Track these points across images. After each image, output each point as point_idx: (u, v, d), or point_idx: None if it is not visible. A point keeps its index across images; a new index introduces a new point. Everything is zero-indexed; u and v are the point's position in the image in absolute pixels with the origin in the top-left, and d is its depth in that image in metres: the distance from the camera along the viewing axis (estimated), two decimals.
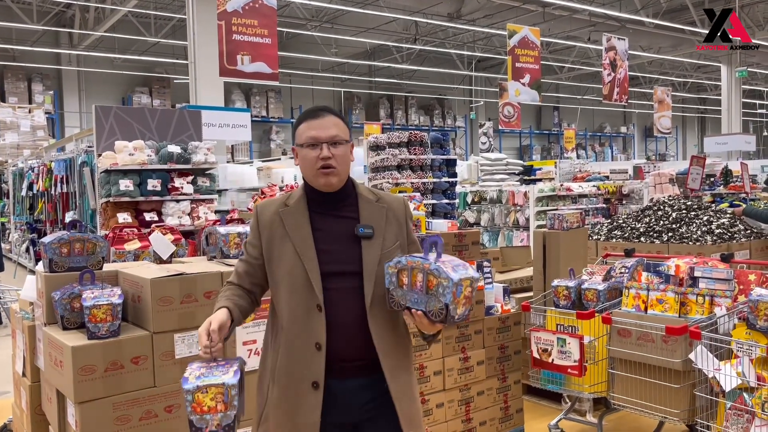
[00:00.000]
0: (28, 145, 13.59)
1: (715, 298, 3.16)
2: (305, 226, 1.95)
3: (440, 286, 1.75)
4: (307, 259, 1.90)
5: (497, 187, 11.41)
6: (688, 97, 31.45)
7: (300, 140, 1.97)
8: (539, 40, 14.35)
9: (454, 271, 1.75)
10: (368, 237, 1.94)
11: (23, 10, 16.14)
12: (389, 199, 2.06)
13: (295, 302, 1.90)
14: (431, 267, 1.77)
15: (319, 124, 1.94)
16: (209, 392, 1.74)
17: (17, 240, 11.60)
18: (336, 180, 1.94)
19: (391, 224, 2.00)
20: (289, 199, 2.02)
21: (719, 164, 13.27)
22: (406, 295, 1.84)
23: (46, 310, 2.78)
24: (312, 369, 1.88)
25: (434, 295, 1.77)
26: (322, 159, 1.91)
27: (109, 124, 6.68)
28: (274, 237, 1.97)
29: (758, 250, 5.26)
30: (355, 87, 24.20)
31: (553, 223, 4.48)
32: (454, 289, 1.74)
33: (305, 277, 1.89)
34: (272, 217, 1.99)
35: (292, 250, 1.92)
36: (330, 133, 1.93)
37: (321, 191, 1.97)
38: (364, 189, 2.06)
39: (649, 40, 19.31)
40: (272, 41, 9.97)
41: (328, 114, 1.97)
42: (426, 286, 1.79)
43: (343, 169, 1.96)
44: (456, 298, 1.75)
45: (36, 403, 3.02)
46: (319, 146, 1.92)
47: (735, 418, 2.73)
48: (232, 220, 3.58)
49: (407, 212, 2.08)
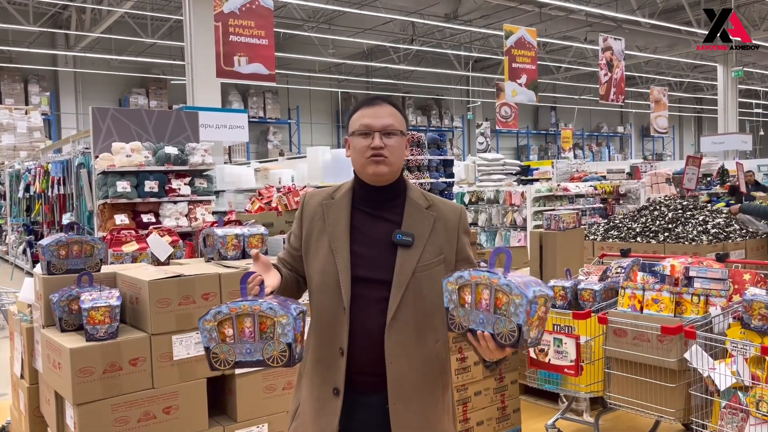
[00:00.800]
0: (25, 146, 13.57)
1: (710, 298, 3.18)
2: (344, 223, 1.83)
3: (512, 305, 1.53)
4: (340, 260, 1.79)
5: (494, 188, 11.44)
6: (685, 96, 31.53)
7: (352, 128, 1.84)
8: (536, 40, 14.38)
9: (527, 287, 1.53)
10: (406, 245, 1.79)
11: (19, 11, 16.12)
12: (443, 208, 1.88)
13: (324, 303, 1.82)
14: (500, 282, 1.54)
15: (373, 112, 1.82)
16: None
17: (14, 242, 11.58)
18: (387, 170, 1.80)
19: (437, 235, 1.83)
20: (337, 191, 1.91)
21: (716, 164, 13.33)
22: (468, 316, 1.61)
23: (44, 312, 2.79)
24: (335, 374, 1.79)
25: (504, 315, 1.55)
26: (372, 148, 1.78)
27: (106, 125, 6.68)
28: (314, 230, 1.87)
29: (753, 249, 5.29)
30: (352, 87, 24.21)
31: (550, 223, 4.50)
32: (528, 308, 1.51)
33: (336, 278, 1.79)
34: (316, 209, 1.89)
35: (327, 246, 1.82)
36: (384, 122, 1.80)
37: (369, 186, 1.84)
38: (417, 192, 1.89)
39: (646, 40, 19.36)
40: (269, 42, 9.97)
41: (384, 103, 1.85)
42: (494, 304, 1.57)
43: (395, 160, 1.81)
44: (530, 318, 1.52)
45: (34, 405, 3.03)
46: (372, 135, 1.79)
47: (730, 416, 2.75)
48: (230, 221, 3.59)
49: (462, 224, 1.89)
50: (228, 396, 2.87)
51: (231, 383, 2.83)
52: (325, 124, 24.31)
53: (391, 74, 24.12)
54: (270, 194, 5.13)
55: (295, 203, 4.78)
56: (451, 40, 21.04)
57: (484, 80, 25.92)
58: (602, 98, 15.67)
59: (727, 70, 21.79)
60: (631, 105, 29.90)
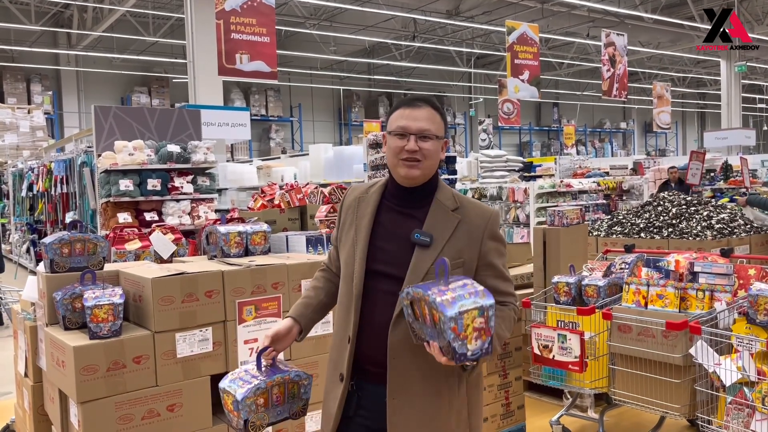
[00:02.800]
0: (28, 145, 13.60)
1: (715, 293, 3.16)
2: (368, 218, 1.90)
3: (441, 321, 1.55)
4: (359, 253, 1.87)
5: (497, 184, 11.41)
6: (688, 92, 31.45)
7: (390, 127, 1.88)
8: (538, 36, 14.35)
9: (453, 303, 1.54)
10: (424, 245, 1.80)
11: (21, 10, 16.13)
12: (472, 211, 1.88)
13: (343, 291, 1.91)
14: (430, 300, 1.57)
15: (412, 114, 1.84)
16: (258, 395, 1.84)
17: (18, 241, 11.61)
18: (418, 174, 1.83)
19: (459, 238, 1.83)
20: (372, 186, 1.98)
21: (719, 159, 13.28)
22: (422, 329, 1.66)
23: (48, 310, 2.78)
24: (342, 361, 1.87)
25: (440, 331, 1.57)
26: (407, 151, 1.81)
27: (108, 124, 6.68)
28: (346, 222, 1.96)
29: (758, 244, 5.27)
30: (354, 85, 24.20)
31: (553, 219, 4.48)
32: (453, 325, 1.53)
33: (353, 269, 1.87)
34: (351, 203, 1.97)
35: (353, 239, 1.90)
36: (420, 125, 1.82)
37: (399, 185, 1.89)
38: (448, 194, 1.89)
39: (648, 35, 19.31)
40: (271, 40, 9.97)
41: (425, 105, 1.86)
42: (431, 319, 1.60)
43: (429, 164, 1.84)
44: (459, 334, 1.54)
45: (38, 403, 3.03)
46: (407, 137, 1.82)
47: (735, 412, 2.74)
48: (233, 219, 3.58)
49: (489, 229, 1.87)
50: None
51: None
52: (327, 121, 24.30)
53: (393, 71, 24.10)
54: (272, 192, 5.12)
55: (298, 200, 4.77)
56: (453, 37, 21.00)
57: (486, 77, 25.88)
58: (605, 94, 15.63)
59: (731, 65, 21.72)
60: (633, 101, 29.84)
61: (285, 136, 22.66)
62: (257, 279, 2.85)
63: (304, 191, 4.88)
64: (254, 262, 2.95)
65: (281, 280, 2.91)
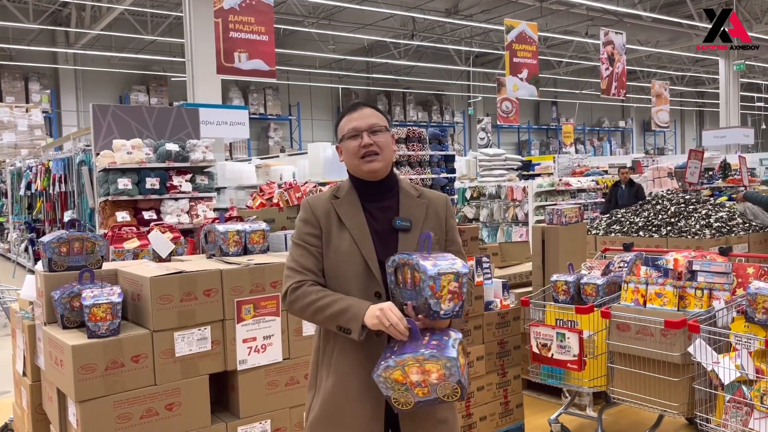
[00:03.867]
0: (26, 144, 13.57)
1: (713, 292, 3.17)
2: (360, 215, 1.99)
3: (421, 281, 1.75)
4: (365, 247, 1.94)
5: (496, 183, 11.42)
6: (686, 90, 31.46)
7: (341, 134, 2.02)
8: (537, 34, 14.33)
9: (434, 266, 1.74)
10: (405, 230, 1.98)
11: (19, 9, 16.09)
12: (431, 195, 2.10)
13: (355, 289, 1.93)
14: (413, 262, 1.77)
15: (358, 115, 2.00)
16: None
17: (16, 240, 11.59)
18: (380, 166, 1.98)
19: (430, 219, 2.03)
20: (338, 191, 2.06)
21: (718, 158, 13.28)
22: (402, 293, 1.84)
23: (46, 309, 2.78)
24: (371, 354, 1.89)
25: (420, 291, 1.77)
26: (363, 147, 1.96)
27: (106, 122, 6.67)
28: (331, 227, 2.00)
29: (756, 243, 5.27)
30: (352, 83, 24.17)
31: (552, 218, 4.49)
32: (431, 284, 1.73)
33: (364, 264, 1.93)
34: (327, 208, 2.02)
35: (349, 238, 1.96)
36: (369, 121, 1.99)
37: (366, 182, 2.02)
38: (407, 184, 2.10)
39: (647, 34, 19.30)
40: (269, 38, 9.95)
41: (365, 107, 2.04)
42: (413, 282, 1.79)
43: (386, 156, 2.00)
44: (436, 292, 1.74)
45: (37, 402, 3.03)
46: (360, 135, 1.97)
47: (734, 410, 2.74)
48: (231, 217, 3.58)
49: (448, 210, 2.10)
50: (230, 392, 2.87)
51: (233, 379, 2.83)
52: (325, 120, 24.28)
53: (391, 70, 24.08)
54: (271, 190, 5.12)
55: (297, 199, 4.76)
56: (452, 35, 20.99)
57: (484, 75, 25.87)
58: (603, 93, 15.63)
59: (729, 63, 21.72)
60: (632, 99, 29.83)
61: (284, 134, 22.64)
62: (256, 278, 2.85)
63: (302, 190, 4.88)
64: (253, 260, 2.94)
65: (280, 279, 2.90)
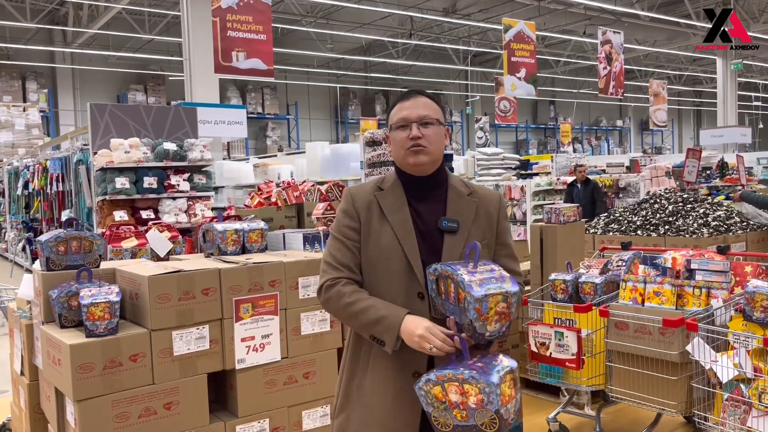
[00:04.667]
0: (23, 143, 13.56)
1: (711, 290, 3.17)
2: (404, 210, 1.88)
3: (466, 301, 1.64)
4: (408, 244, 1.84)
5: (494, 182, 11.41)
6: (684, 90, 31.50)
7: (391, 122, 1.93)
8: (535, 34, 14.33)
9: (481, 286, 1.63)
10: (452, 231, 1.86)
11: (16, 8, 16.06)
12: (483, 193, 1.97)
13: (396, 288, 1.83)
14: (458, 279, 1.66)
15: (410, 104, 1.89)
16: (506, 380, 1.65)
17: (13, 239, 11.57)
18: (426, 159, 1.87)
19: (479, 220, 1.91)
20: (383, 183, 1.95)
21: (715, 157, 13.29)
22: (444, 305, 1.75)
23: (44, 308, 2.77)
24: (413, 359, 1.81)
25: (464, 309, 1.66)
26: (411, 139, 1.85)
27: (104, 121, 6.66)
28: (372, 219, 1.89)
29: (754, 242, 5.28)
30: (350, 83, 24.17)
31: (550, 216, 4.49)
32: (477, 306, 1.62)
33: (405, 262, 1.82)
34: (369, 199, 1.91)
35: (390, 233, 1.85)
36: (420, 112, 1.87)
37: (414, 177, 1.91)
38: (457, 180, 1.97)
39: (645, 33, 19.32)
40: (267, 37, 9.95)
41: (419, 95, 1.93)
42: (457, 297, 1.68)
43: (435, 149, 1.88)
44: (482, 315, 1.63)
45: (35, 401, 3.02)
46: (409, 126, 1.86)
47: (732, 409, 2.74)
48: (229, 216, 3.57)
49: (501, 210, 1.98)
50: (229, 391, 2.86)
51: (232, 378, 2.82)
52: (323, 119, 24.27)
53: (389, 69, 24.07)
54: (269, 189, 5.11)
55: (295, 198, 4.76)
56: (450, 35, 20.99)
57: (482, 74, 25.87)
58: (601, 92, 15.64)
59: (727, 63, 21.75)
60: (630, 98, 29.86)
61: (281, 134, 22.63)
62: (254, 277, 2.84)
63: (300, 189, 4.87)
64: (251, 259, 2.94)
65: (278, 277, 2.91)
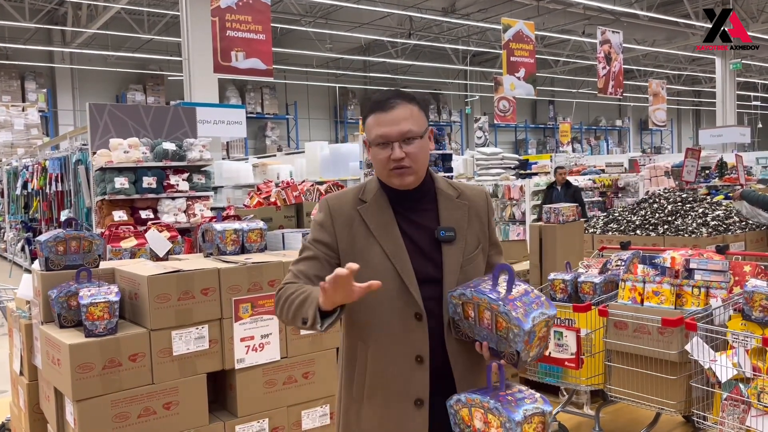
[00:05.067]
0: (22, 143, 13.56)
1: (710, 290, 3.17)
2: (392, 226, 1.74)
3: (510, 332, 1.58)
4: (401, 263, 1.71)
5: (493, 182, 11.42)
6: (683, 89, 31.51)
7: (369, 137, 1.75)
8: (534, 33, 14.34)
9: (527, 316, 1.57)
10: (450, 241, 1.75)
11: (15, 8, 16.05)
12: (471, 194, 1.85)
13: (389, 311, 1.71)
14: (500, 310, 1.58)
15: (389, 118, 1.69)
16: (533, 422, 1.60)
17: (12, 239, 11.57)
18: (412, 179, 1.73)
19: (473, 224, 1.80)
20: (364, 194, 1.79)
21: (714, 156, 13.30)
22: (473, 329, 1.67)
23: (43, 308, 2.77)
24: (414, 385, 1.70)
25: (504, 338, 1.60)
26: (394, 160, 1.69)
27: (103, 121, 6.65)
28: (356, 238, 1.74)
29: (753, 241, 5.28)
30: (349, 82, 24.17)
31: (549, 216, 4.49)
32: (526, 338, 1.57)
33: (399, 282, 1.70)
34: (350, 214, 1.76)
35: (380, 252, 1.72)
36: (401, 128, 1.68)
37: (398, 190, 1.77)
38: (444, 183, 1.84)
39: (644, 33, 19.33)
40: (266, 37, 9.94)
41: (399, 103, 1.71)
42: (495, 326, 1.61)
43: (420, 166, 1.73)
44: (528, 345, 1.58)
45: (34, 401, 3.02)
46: (390, 145, 1.69)
47: (731, 408, 2.75)
48: (229, 216, 3.58)
49: (489, 208, 1.87)
50: (228, 391, 2.86)
51: (231, 378, 2.82)
52: (323, 119, 24.28)
53: (388, 69, 24.07)
54: (268, 189, 5.11)
55: (294, 198, 4.76)
56: (449, 34, 20.99)
57: (482, 74, 25.88)
58: (600, 92, 15.65)
59: (726, 62, 21.76)
60: (629, 98, 29.88)
61: (281, 133, 22.63)
62: (253, 276, 2.84)
63: (300, 189, 4.87)
64: (250, 259, 2.94)
65: (278, 277, 2.91)
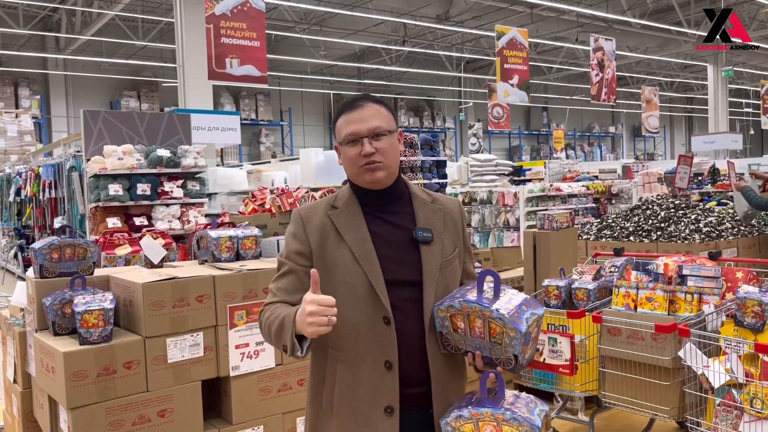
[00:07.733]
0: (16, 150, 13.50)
1: (703, 296, 3.19)
2: (362, 229, 1.74)
3: (506, 336, 1.58)
4: (369, 266, 1.70)
5: (487, 188, 11.45)
6: (676, 96, 31.68)
7: (339, 137, 1.76)
8: (527, 41, 14.41)
9: (520, 318, 1.57)
10: (427, 242, 1.75)
11: (9, 14, 16.03)
12: (445, 201, 1.87)
13: (357, 315, 1.69)
14: (493, 315, 1.58)
15: (357, 116, 1.73)
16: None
17: (5, 246, 11.51)
18: (383, 174, 1.73)
19: (448, 229, 1.81)
20: (336, 200, 1.80)
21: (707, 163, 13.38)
22: (464, 340, 1.65)
23: (37, 315, 2.77)
24: (383, 392, 1.68)
25: (499, 344, 1.60)
26: (364, 156, 1.71)
27: (97, 128, 6.64)
28: (327, 242, 1.74)
29: (745, 247, 5.32)
30: (344, 89, 24.20)
31: (543, 223, 4.51)
32: (523, 341, 1.57)
33: (368, 287, 1.69)
34: (321, 220, 1.76)
35: (349, 255, 1.71)
36: (370, 125, 1.72)
37: (371, 190, 1.77)
38: (418, 189, 1.86)
39: (636, 40, 19.45)
40: (261, 44, 9.96)
41: (366, 103, 1.76)
42: (488, 333, 1.61)
43: (391, 162, 1.74)
44: (525, 347, 1.59)
45: (28, 409, 3.01)
46: (360, 141, 1.71)
47: (724, 414, 2.76)
48: (223, 223, 3.58)
49: (463, 217, 1.89)
50: (223, 398, 2.86)
51: (226, 386, 2.82)
52: (317, 125, 24.28)
53: (383, 75, 24.12)
54: (263, 196, 5.11)
55: (289, 205, 4.76)
56: (443, 41, 21.06)
57: (475, 81, 25.96)
58: (594, 98, 15.73)
59: (718, 69, 21.91)
60: (622, 105, 30.02)
61: (275, 140, 22.62)
62: (248, 283, 2.85)
63: (294, 195, 4.88)
64: (245, 266, 2.94)
65: None
